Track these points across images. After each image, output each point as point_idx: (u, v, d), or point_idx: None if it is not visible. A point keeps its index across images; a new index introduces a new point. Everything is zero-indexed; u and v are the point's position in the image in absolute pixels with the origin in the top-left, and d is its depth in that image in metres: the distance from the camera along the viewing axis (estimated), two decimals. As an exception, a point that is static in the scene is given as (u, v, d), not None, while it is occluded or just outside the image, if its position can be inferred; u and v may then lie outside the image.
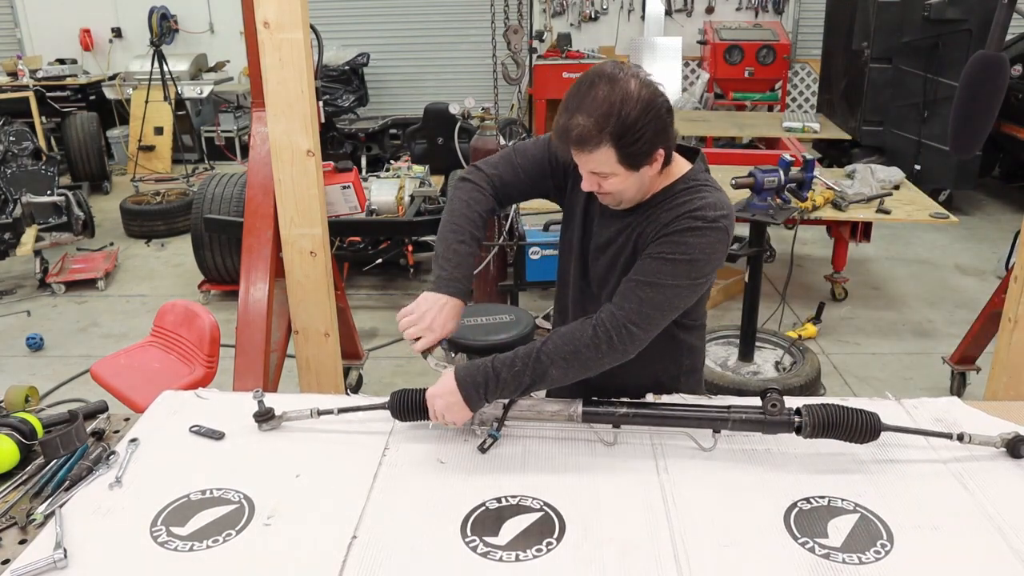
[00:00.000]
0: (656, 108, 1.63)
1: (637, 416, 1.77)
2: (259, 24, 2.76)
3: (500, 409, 1.79)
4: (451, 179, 5.93)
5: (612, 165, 1.67)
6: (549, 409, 1.80)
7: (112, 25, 10.02)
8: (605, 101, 1.61)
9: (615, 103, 1.60)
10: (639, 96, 1.61)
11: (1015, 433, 1.72)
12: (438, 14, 9.79)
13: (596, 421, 1.79)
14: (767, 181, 3.83)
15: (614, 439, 1.79)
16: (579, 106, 1.63)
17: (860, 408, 1.71)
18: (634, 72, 1.64)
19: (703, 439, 1.77)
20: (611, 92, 1.61)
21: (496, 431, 1.77)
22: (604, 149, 1.64)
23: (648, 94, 1.63)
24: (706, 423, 1.75)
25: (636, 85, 1.62)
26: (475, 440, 1.79)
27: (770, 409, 1.69)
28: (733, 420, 1.72)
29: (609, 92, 1.61)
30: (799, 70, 9.74)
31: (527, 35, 4.61)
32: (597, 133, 1.62)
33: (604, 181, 1.71)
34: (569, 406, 1.79)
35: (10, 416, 1.81)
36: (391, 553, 1.45)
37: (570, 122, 1.64)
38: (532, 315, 3.61)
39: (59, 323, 5.28)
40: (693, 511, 1.56)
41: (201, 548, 1.47)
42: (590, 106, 1.62)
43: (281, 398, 1.96)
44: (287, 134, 2.89)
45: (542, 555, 1.44)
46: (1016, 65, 7.03)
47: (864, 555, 1.43)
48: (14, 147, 5.83)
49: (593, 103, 1.62)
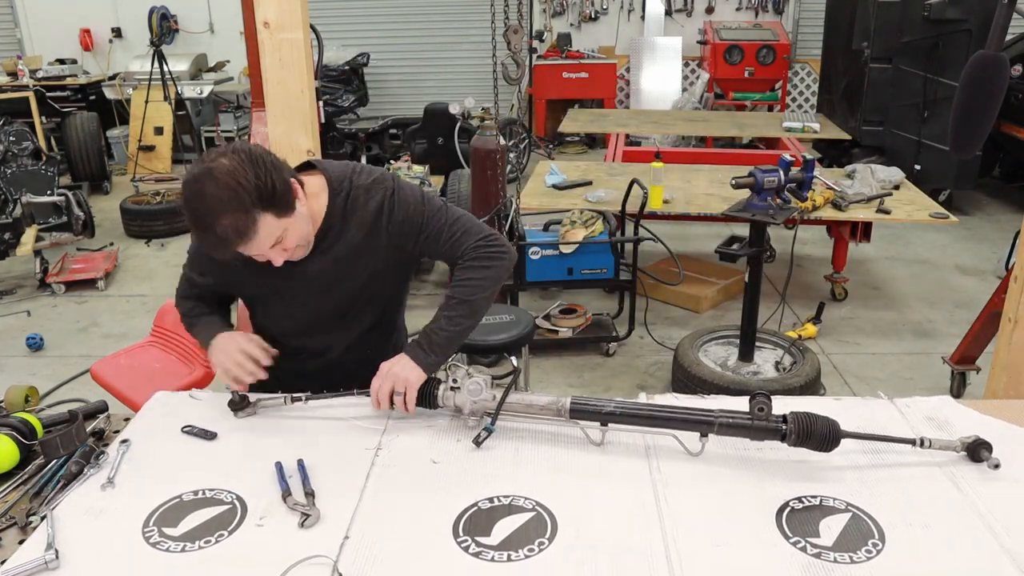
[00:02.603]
0: (257, 157, 1.67)
1: (624, 415, 1.77)
2: (259, 24, 2.76)
3: (494, 402, 1.81)
4: (451, 179, 5.94)
5: (277, 225, 1.69)
6: (539, 403, 1.82)
7: (112, 25, 10.05)
8: (224, 189, 1.62)
9: (231, 184, 1.62)
10: (240, 161, 1.64)
11: (975, 437, 1.70)
12: (438, 14, 9.80)
13: (583, 418, 1.80)
14: (767, 181, 3.83)
15: (602, 439, 1.79)
16: (207, 213, 1.64)
17: (827, 416, 1.69)
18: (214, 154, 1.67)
19: (690, 442, 1.75)
20: (217, 182, 1.62)
21: (491, 424, 1.79)
22: (263, 220, 1.66)
23: (242, 156, 1.65)
24: (692, 425, 1.74)
25: (226, 159, 1.64)
26: (467, 439, 1.79)
27: (757, 413, 1.69)
28: (720, 424, 1.71)
29: (215, 183, 1.62)
30: (799, 70, 9.75)
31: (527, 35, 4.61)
32: (246, 215, 1.63)
33: (284, 242, 1.74)
34: (558, 401, 1.80)
35: (10, 416, 1.82)
36: (383, 553, 1.45)
37: (218, 232, 1.64)
38: (532, 315, 3.61)
39: (59, 323, 5.29)
40: (685, 511, 1.55)
41: (193, 549, 1.47)
42: (217, 206, 1.62)
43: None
44: (287, 134, 2.89)
45: (534, 555, 1.44)
46: (1016, 65, 7.03)
47: (856, 554, 1.43)
48: (14, 147, 5.84)
49: (217, 202, 1.62)
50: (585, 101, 9.47)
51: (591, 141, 9.74)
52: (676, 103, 9.16)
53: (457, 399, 1.84)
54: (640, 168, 5.19)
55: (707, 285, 5.40)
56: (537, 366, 4.52)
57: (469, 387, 1.82)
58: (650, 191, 4.54)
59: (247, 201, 1.63)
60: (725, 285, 5.42)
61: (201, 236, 1.69)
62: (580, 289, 5.35)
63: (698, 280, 5.44)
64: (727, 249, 4.11)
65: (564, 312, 4.82)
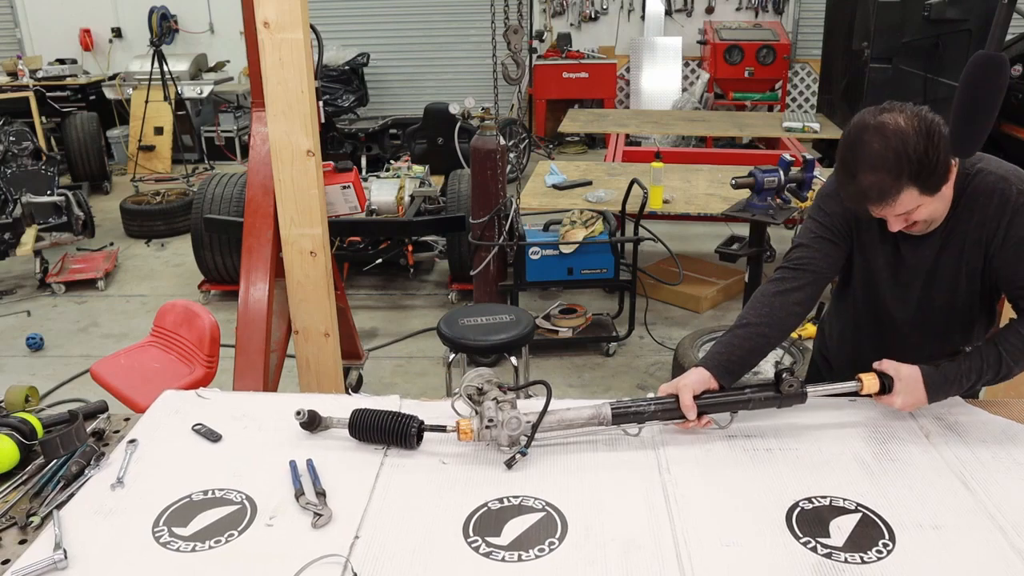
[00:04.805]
0: (934, 130, 1.62)
1: (660, 413, 1.79)
2: (259, 24, 2.76)
3: (528, 426, 1.74)
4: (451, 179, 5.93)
5: (916, 200, 1.67)
6: (581, 418, 1.78)
7: (112, 25, 10.03)
8: (888, 150, 1.61)
9: (897, 148, 1.60)
10: (915, 128, 1.61)
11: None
12: (438, 14, 9.79)
13: (625, 421, 1.80)
14: (767, 181, 3.84)
15: (638, 431, 1.81)
16: (860, 165, 1.64)
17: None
18: (891, 107, 1.65)
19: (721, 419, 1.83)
20: (885, 140, 1.61)
21: (525, 447, 1.73)
22: (906, 192, 1.64)
23: (919, 121, 1.62)
24: (725, 408, 1.82)
25: (904, 119, 1.62)
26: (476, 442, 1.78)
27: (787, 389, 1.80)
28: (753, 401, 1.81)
29: (883, 141, 1.61)
30: (799, 70, 9.75)
31: (527, 35, 4.61)
32: (894, 182, 1.63)
33: (911, 215, 1.72)
34: (598, 411, 1.78)
35: (10, 416, 1.81)
36: (393, 553, 1.45)
37: (861, 184, 1.65)
38: (532, 315, 3.61)
39: (59, 323, 5.28)
40: (695, 511, 1.55)
41: (203, 548, 1.47)
42: (874, 161, 1.62)
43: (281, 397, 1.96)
44: (287, 134, 2.89)
45: (544, 555, 1.44)
46: (1016, 65, 7.03)
47: (866, 554, 1.43)
48: (14, 147, 5.82)
49: (875, 157, 1.62)
50: (585, 101, 9.47)
51: (591, 141, 9.74)
52: (676, 103, 9.16)
53: (493, 435, 1.73)
54: (640, 168, 5.19)
55: (707, 285, 5.41)
56: (537, 366, 4.52)
57: (508, 423, 1.72)
58: (650, 191, 4.54)
59: (904, 171, 1.61)
60: (725, 285, 5.42)
61: (842, 177, 1.70)
62: (580, 289, 5.35)
63: (698, 280, 5.45)
64: (727, 249, 4.13)
65: (564, 312, 4.83)
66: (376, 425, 1.77)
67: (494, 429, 1.72)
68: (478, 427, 1.72)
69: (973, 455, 1.73)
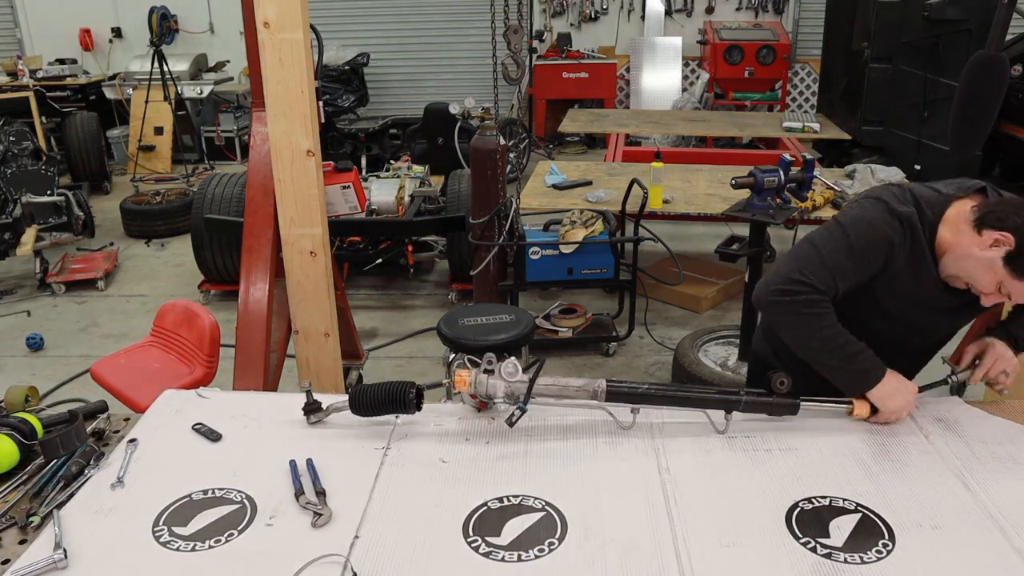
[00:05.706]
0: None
1: (656, 396, 1.82)
2: (259, 24, 2.75)
3: (525, 385, 1.78)
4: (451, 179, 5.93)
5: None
6: (573, 385, 1.81)
7: (112, 25, 10.03)
8: None
9: None
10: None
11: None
12: (438, 14, 9.79)
13: (619, 399, 1.81)
14: (767, 181, 3.83)
15: (632, 422, 1.81)
16: None
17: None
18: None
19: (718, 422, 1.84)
20: None
21: (524, 403, 1.75)
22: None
23: None
24: (719, 404, 1.83)
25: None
26: (476, 440, 1.78)
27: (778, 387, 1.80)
28: (744, 402, 1.81)
29: None
30: (799, 70, 9.75)
31: (527, 35, 4.61)
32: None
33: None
34: (593, 383, 1.80)
35: (10, 416, 1.81)
36: (393, 553, 1.45)
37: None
38: (532, 315, 3.61)
39: (59, 323, 5.28)
40: (695, 511, 1.56)
41: (203, 548, 1.47)
42: None
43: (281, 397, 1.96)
44: (287, 134, 2.89)
45: (544, 555, 1.44)
46: (1016, 65, 7.03)
47: (866, 555, 1.43)
48: (14, 147, 5.82)
49: None
50: (585, 101, 9.46)
51: (591, 141, 9.73)
52: (676, 103, 9.16)
53: (490, 384, 1.77)
54: (640, 168, 5.19)
55: (707, 285, 5.41)
56: (538, 366, 4.52)
57: (506, 369, 1.76)
58: (650, 191, 4.53)
59: None
60: (725, 285, 5.42)
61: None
62: (580, 289, 5.35)
63: (698, 280, 5.45)
64: (727, 249, 4.12)
65: (564, 312, 4.83)
66: (375, 397, 1.79)
67: (491, 377, 1.76)
68: (475, 376, 1.77)
69: (973, 455, 1.73)
